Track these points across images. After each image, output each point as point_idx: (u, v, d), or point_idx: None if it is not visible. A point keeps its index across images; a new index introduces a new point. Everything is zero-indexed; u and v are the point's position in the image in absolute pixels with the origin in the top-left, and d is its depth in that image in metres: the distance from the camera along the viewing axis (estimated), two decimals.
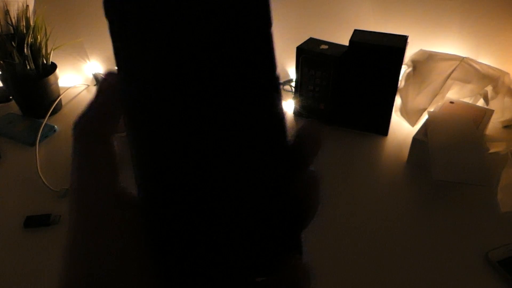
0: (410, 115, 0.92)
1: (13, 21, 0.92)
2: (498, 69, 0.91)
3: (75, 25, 1.07)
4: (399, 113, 0.95)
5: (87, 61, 1.13)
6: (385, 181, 0.80)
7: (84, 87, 1.13)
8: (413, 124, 0.92)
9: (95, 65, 1.14)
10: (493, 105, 0.91)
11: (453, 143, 0.79)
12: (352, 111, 0.92)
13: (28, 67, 0.94)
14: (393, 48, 0.81)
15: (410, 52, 0.96)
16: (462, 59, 0.90)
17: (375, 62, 0.84)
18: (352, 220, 0.71)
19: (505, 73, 0.90)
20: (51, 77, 0.98)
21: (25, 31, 0.92)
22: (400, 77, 0.86)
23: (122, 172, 0.21)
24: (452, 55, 0.93)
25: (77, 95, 1.10)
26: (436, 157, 0.76)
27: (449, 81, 0.88)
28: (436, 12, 0.97)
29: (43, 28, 0.95)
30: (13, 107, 1.03)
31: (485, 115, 0.88)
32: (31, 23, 0.93)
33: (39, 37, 0.95)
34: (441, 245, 0.66)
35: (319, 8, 1.02)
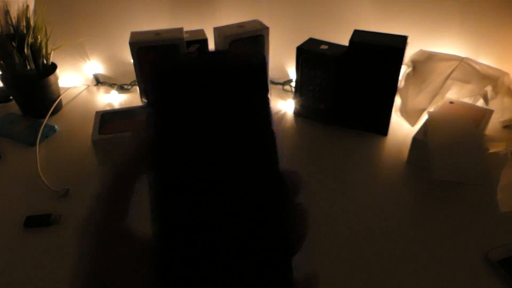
0: (410, 115, 0.92)
1: (13, 21, 0.92)
2: (497, 69, 0.91)
3: (75, 25, 1.07)
4: (399, 113, 0.96)
5: (87, 61, 1.13)
6: (385, 181, 0.80)
7: (84, 87, 1.14)
8: (413, 124, 0.92)
9: (95, 65, 1.14)
10: (493, 105, 0.91)
11: (453, 143, 0.79)
12: (352, 111, 0.92)
13: (28, 67, 0.94)
14: (393, 48, 0.82)
15: (410, 52, 0.96)
16: (461, 59, 0.90)
17: (375, 62, 0.84)
18: (352, 220, 0.71)
19: (505, 73, 0.90)
20: (51, 77, 0.99)
21: (25, 31, 0.93)
22: (400, 77, 0.86)
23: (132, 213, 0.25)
24: (452, 55, 0.93)
25: (77, 95, 1.11)
26: (436, 157, 0.76)
27: (449, 81, 0.88)
28: (436, 12, 0.97)
29: (43, 28, 0.95)
30: (13, 107, 1.03)
31: (484, 115, 0.88)
32: (31, 23, 0.93)
33: (39, 37, 0.95)
34: (441, 245, 0.66)
35: (319, 8, 1.03)
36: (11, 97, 1.05)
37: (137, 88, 0.95)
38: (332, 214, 0.72)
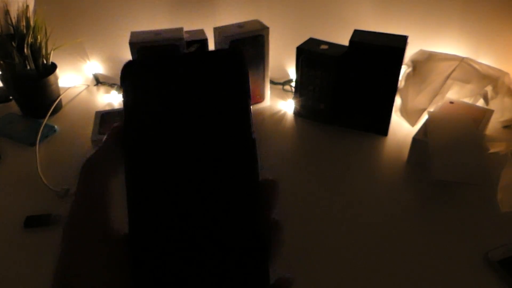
0: (410, 115, 0.92)
1: (13, 21, 0.92)
2: (498, 69, 0.91)
3: (75, 25, 1.07)
4: (399, 113, 0.95)
5: (87, 61, 1.13)
6: (385, 181, 0.80)
7: (84, 87, 1.13)
8: (413, 124, 0.92)
9: (95, 65, 1.14)
10: (493, 105, 0.91)
11: (453, 143, 0.79)
12: (352, 111, 0.92)
13: (28, 67, 0.94)
14: (393, 48, 0.81)
15: (410, 52, 0.96)
16: (462, 59, 0.90)
17: (375, 62, 0.84)
18: (352, 220, 0.71)
19: (505, 73, 0.90)
20: (51, 77, 0.98)
21: (25, 31, 0.93)
22: (400, 77, 0.86)
23: (114, 211, 0.24)
24: (452, 55, 0.93)
25: (77, 95, 1.10)
26: (436, 157, 0.76)
27: (449, 81, 0.88)
28: (436, 12, 0.97)
29: (43, 28, 0.95)
30: (13, 107, 1.03)
31: (485, 115, 0.88)
32: (31, 23, 0.93)
33: (39, 37, 0.95)
34: (441, 245, 0.66)
35: (319, 8, 1.03)
36: (11, 97, 1.05)
37: None
38: (332, 214, 0.72)
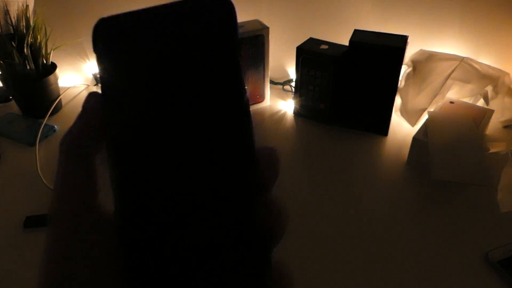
0: (410, 115, 0.92)
1: (13, 21, 0.92)
2: (498, 69, 0.91)
3: (75, 25, 1.07)
4: (399, 113, 0.95)
5: (87, 61, 1.13)
6: (385, 181, 0.80)
7: (84, 87, 1.13)
8: (413, 124, 0.92)
9: (95, 65, 1.14)
10: (493, 105, 0.91)
11: (453, 143, 0.79)
12: (352, 111, 0.92)
13: (28, 67, 0.94)
14: (393, 48, 0.81)
15: (410, 52, 0.96)
16: (462, 59, 0.90)
17: (375, 62, 0.84)
18: (352, 220, 0.71)
19: (505, 73, 0.90)
20: (51, 77, 0.98)
21: (25, 31, 0.92)
22: (400, 77, 0.86)
23: (101, 189, 0.23)
24: (452, 55, 0.93)
25: (77, 95, 1.10)
26: (436, 157, 0.76)
27: (449, 81, 0.88)
28: (436, 12, 0.97)
29: (43, 28, 0.95)
30: (13, 107, 1.03)
31: (485, 115, 0.88)
32: (31, 23, 0.93)
33: (39, 37, 0.95)
34: (441, 245, 0.66)
35: (319, 8, 1.03)
36: (10, 97, 1.05)
37: None
38: (332, 214, 0.72)
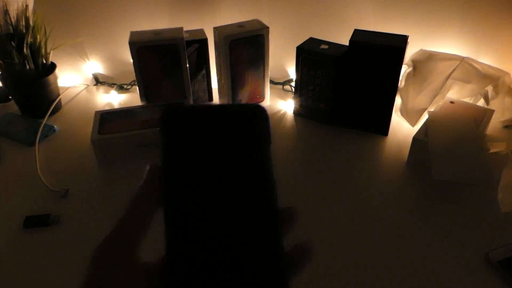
0: (410, 115, 0.92)
1: (13, 20, 0.92)
2: (498, 69, 0.91)
3: (75, 25, 1.07)
4: (399, 113, 0.95)
5: (87, 61, 1.13)
6: (385, 181, 0.80)
7: (83, 87, 1.13)
8: (413, 124, 0.92)
9: (94, 65, 1.14)
10: (494, 105, 0.91)
11: (453, 143, 0.79)
12: (352, 111, 0.92)
13: (28, 67, 0.94)
14: (393, 48, 0.81)
15: (410, 52, 0.95)
16: (462, 59, 0.90)
17: (375, 62, 0.84)
18: (352, 220, 0.71)
19: (506, 73, 0.90)
20: (51, 77, 0.98)
21: (24, 31, 0.92)
22: (400, 77, 0.86)
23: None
24: (452, 55, 0.93)
25: (77, 95, 1.10)
26: (436, 157, 0.76)
27: (450, 81, 0.88)
28: (436, 12, 0.97)
29: (43, 28, 0.95)
30: (13, 107, 1.03)
31: (485, 115, 0.88)
32: (31, 23, 0.92)
33: (38, 37, 0.94)
34: (441, 245, 0.66)
35: (319, 8, 1.02)
36: (10, 97, 1.05)
37: (137, 88, 0.94)
38: (332, 214, 0.72)
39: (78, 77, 1.14)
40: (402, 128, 0.94)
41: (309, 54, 0.89)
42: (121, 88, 1.11)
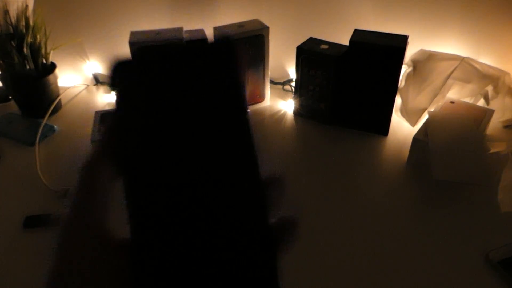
0: (410, 115, 0.92)
1: (13, 20, 0.92)
2: (498, 69, 0.91)
3: (75, 25, 1.07)
4: (399, 113, 0.95)
5: (87, 61, 1.13)
6: (385, 181, 0.80)
7: (83, 87, 1.13)
8: (413, 124, 0.92)
9: (94, 65, 1.14)
10: (494, 105, 0.91)
11: (453, 143, 0.79)
12: (352, 111, 0.92)
13: (28, 67, 0.94)
14: (393, 48, 0.81)
15: (410, 52, 0.95)
16: (462, 59, 0.90)
17: (375, 62, 0.84)
18: (352, 220, 0.71)
19: (506, 73, 0.90)
20: (51, 77, 0.98)
21: (24, 31, 0.92)
22: (400, 77, 0.86)
23: (112, 213, 0.23)
24: (453, 55, 0.93)
25: (77, 95, 1.10)
26: (437, 157, 0.76)
27: (450, 81, 0.88)
28: (436, 12, 0.97)
29: (43, 27, 0.95)
30: (13, 107, 1.03)
31: (485, 115, 0.88)
32: (31, 22, 0.92)
33: (38, 36, 0.94)
34: (441, 245, 0.66)
35: (319, 8, 1.02)
36: (10, 97, 1.05)
37: None
38: (332, 214, 0.72)
39: (78, 77, 1.14)
40: (402, 128, 0.94)
41: (309, 54, 0.89)
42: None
